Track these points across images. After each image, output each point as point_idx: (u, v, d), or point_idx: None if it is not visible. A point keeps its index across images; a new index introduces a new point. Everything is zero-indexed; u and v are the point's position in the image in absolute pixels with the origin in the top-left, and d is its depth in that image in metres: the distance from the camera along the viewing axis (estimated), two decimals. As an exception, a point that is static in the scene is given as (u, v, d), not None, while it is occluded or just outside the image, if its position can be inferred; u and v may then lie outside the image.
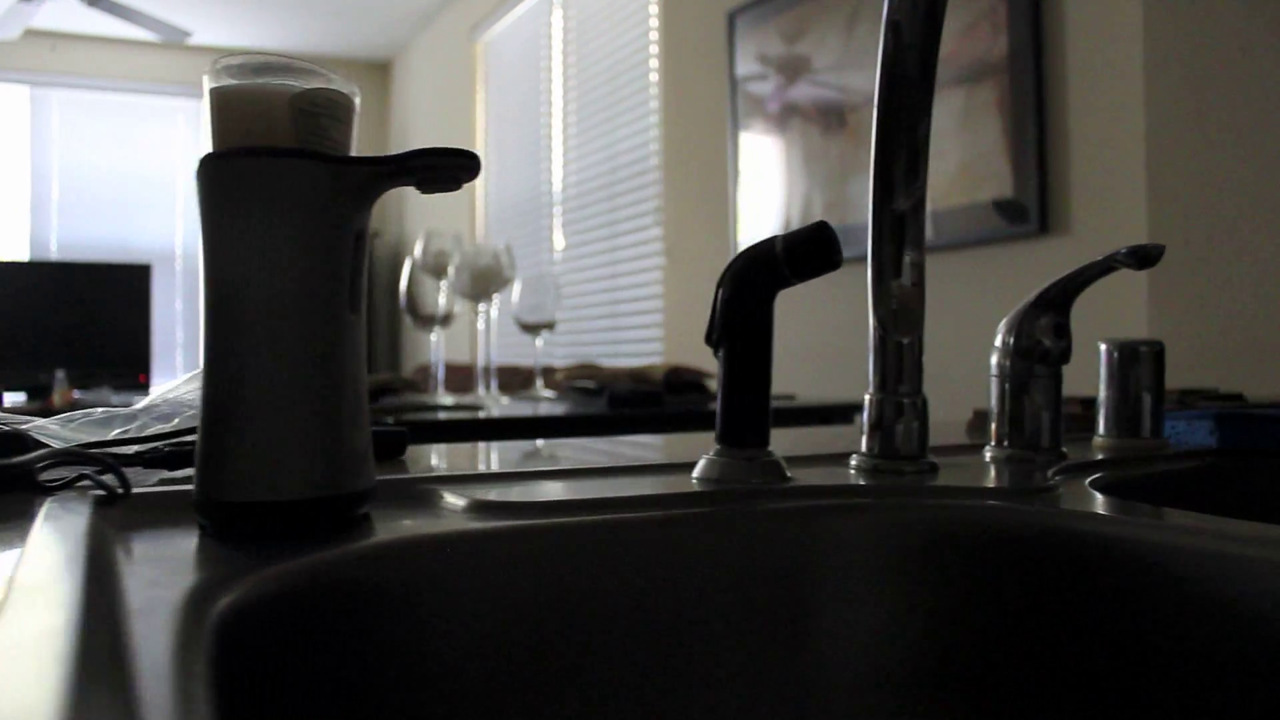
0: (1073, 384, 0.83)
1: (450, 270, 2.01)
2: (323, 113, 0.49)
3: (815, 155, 2.74)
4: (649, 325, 3.62)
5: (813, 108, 2.73)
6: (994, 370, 0.69)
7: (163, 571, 0.39)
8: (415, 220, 6.24)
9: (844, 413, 1.94)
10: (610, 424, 1.69)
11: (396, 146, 6.53)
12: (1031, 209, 2.13)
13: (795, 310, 2.82)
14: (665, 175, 3.51)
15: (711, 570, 0.53)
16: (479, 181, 5.28)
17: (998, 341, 0.69)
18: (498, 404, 1.94)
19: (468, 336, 5.17)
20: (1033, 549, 0.51)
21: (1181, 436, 0.79)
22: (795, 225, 2.79)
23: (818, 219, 2.45)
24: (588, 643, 0.51)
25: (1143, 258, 0.62)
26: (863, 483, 0.60)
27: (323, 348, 0.47)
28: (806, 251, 0.57)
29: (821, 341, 2.64)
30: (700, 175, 3.26)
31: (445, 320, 2.01)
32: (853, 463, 0.65)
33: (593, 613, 0.51)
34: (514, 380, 3.10)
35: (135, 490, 0.53)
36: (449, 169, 0.49)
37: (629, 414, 1.69)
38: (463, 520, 0.51)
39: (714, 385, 2.22)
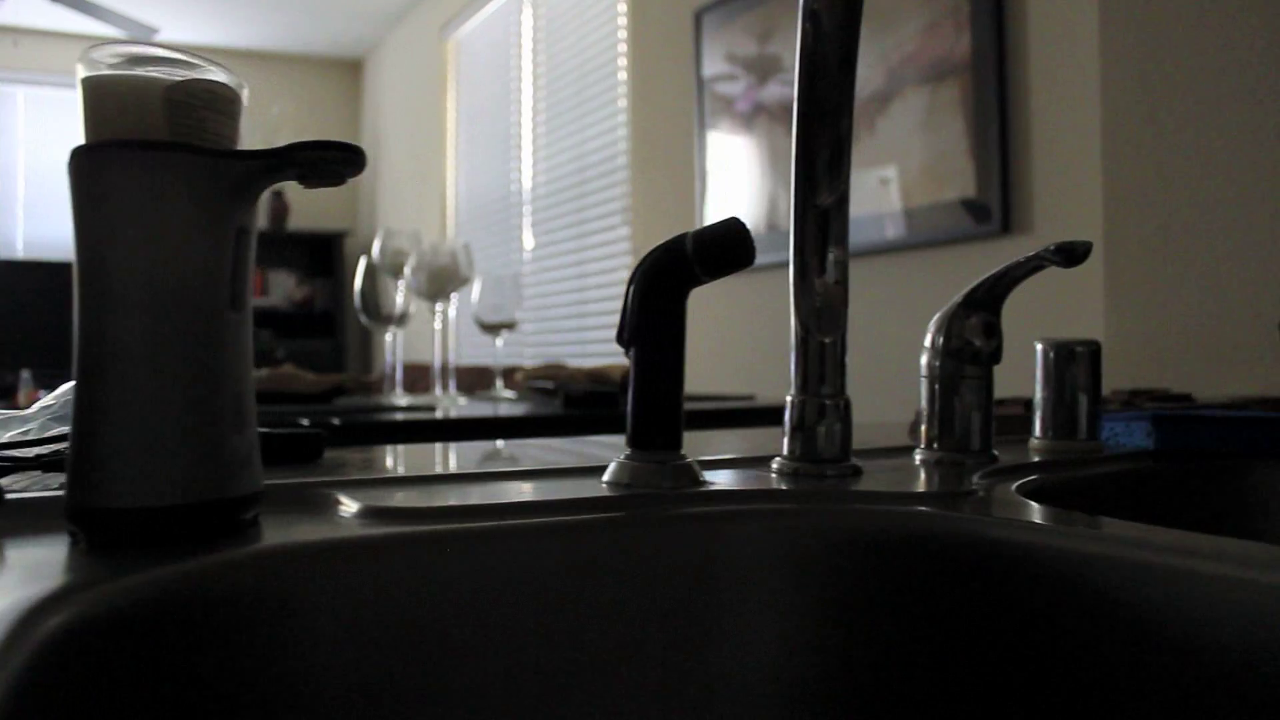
0: (1026, 385, 0.81)
1: (407, 270, 1.98)
2: (200, 104, 0.47)
3: (784, 155, 2.72)
4: (615, 326, 3.60)
5: (780, 107, 2.72)
6: (923, 371, 0.68)
7: (8, 583, 0.37)
8: (389, 220, 6.20)
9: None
10: (565, 425, 1.67)
11: (369, 146, 6.49)
12: (994, 208, 2.12)
13: (762, 308, 2.81)
14: (633, 175, 3.49)
15: (614, 578, 0.52)
16: (449, 181, 5.25)
17: (927, 342, 0.67)
18: (455, 405, 1.92)
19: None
20: (945, 556, 0.50)
21: (1120, 438, 0.77)
22: (765, 225, 2.78)
23: (787, 219, 2.44)
24: (480, 655, 0.49)
25: (1070, 255, 0.60)
26: (779, 487, 0.58)
27: (200, 347, 0.45)
28: (717, 249, 0.55)
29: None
30: (668, 175, 3.24)
31: (401, 320, 1.99)
32: (774, 466, 0.63)
33: (486, 624, 0.49)
34: (479, 380, 3.08)
35: (16, 496, 0.51)
36: (332, 163, 0.47)
37: (585, 415, 1.67)
38: (352, 526, 0.49)
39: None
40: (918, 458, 0.68)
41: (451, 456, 0.77)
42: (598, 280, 3.77)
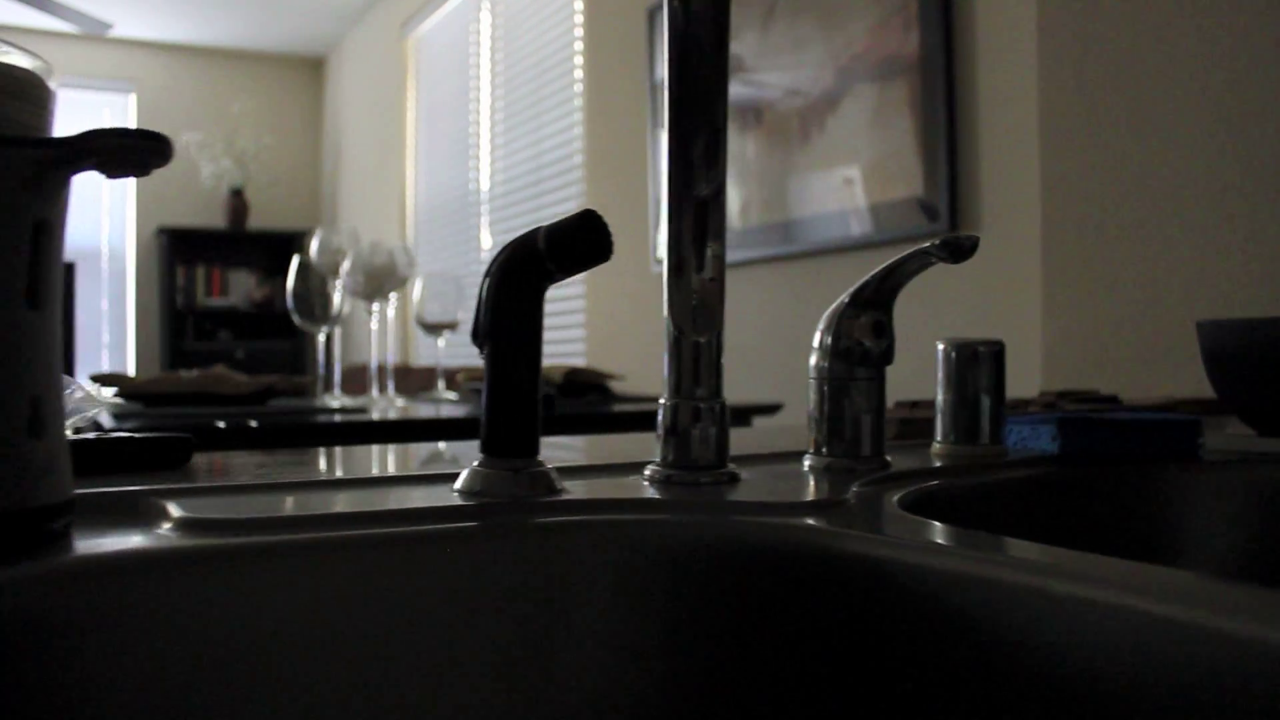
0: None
1: (343, 269, 1.94)
2: (-4, 89, 0.43)
3: (743, 153, 2.69)
4: (572, 326, 3.57)
5: (738, 108, 2.69)
6: (811, 373, 0.64)
7: None
8: (349, 220, 6.14)
9: (769, 412, 1.91)
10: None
11: (330, 144, 6.44)
12: (942, 208, 2.09)
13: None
14: (588, 175, 3.46)
15: (455, 593, 0.48)
16: (409, 180, 5.20)
17: (815, 342, 0.64)
18: (389, 407, 1.88)
19: (397, 335, 5.10)
20: (800, 569, 0.46)
21: (1026, 442, 0.74)
22: (734, 223, 2.74)
23: (756, 218, 2.40)
24: (306, 677, 0.45)
25: (955, 250, 0.57)
26: (643, 495, 0.54)
27: (-16, 348, 0.42)
28: (570, 243, 0.52)
29: (744, 341, 2.59)
30: (622, 176, 3.21)
31: (335, 320, 1.94)
32: (646, 473, 0.60)
33: (313, 643, 0.45)
34: (430, 381, 3.03)
35: None
36: (135, 151, 0.43)
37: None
38: (167, 538, 0.45)
39: (616, 387, 2.17)
40: (806, 464, 0.65)
41: (321, 462, 0.73)
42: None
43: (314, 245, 2.00)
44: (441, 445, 0.87)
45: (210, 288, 6.23)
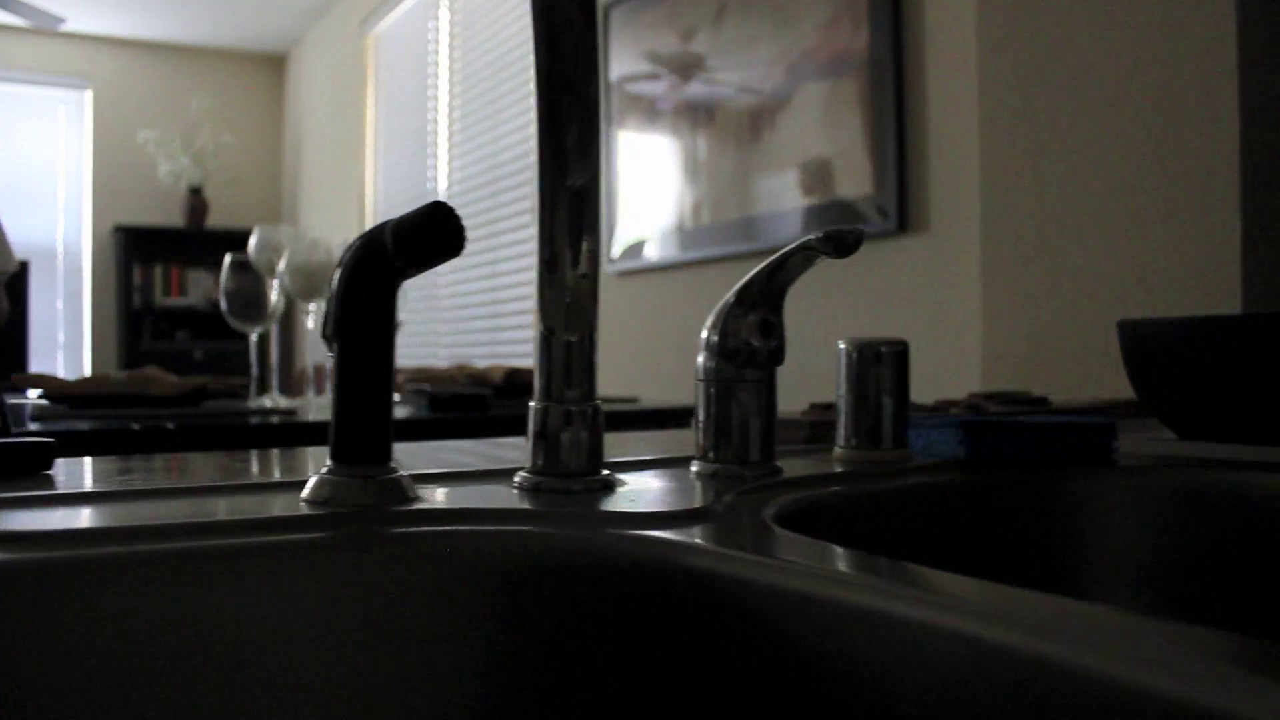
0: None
1: (279, 267, 1.90)
2: None
3: (695, 152, 2.66)
4: (528, 326, 3.53)
5: (699, 106, 2.65)
6: (699, 374, 0.61)
7: None
8: (310, 219, 6.08)
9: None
10: (426, 429, 1.59)
11: (291, 142, 6.37)
12: (890, 207, 2.07)
13: (664, 308, 2.75)
14: (543, 172, 3.42)
15: (292, 609, 0.45)
16: (369, 179, 5.15)
17: (702, 342, 0.61)
18: (322, 408, 1.84)
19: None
20: (632, 583, 0.43)
21: (933, 447, 0.71)
22: (686, 223, 2.71)
23: (707, 217, 2.37)
24: (124, 701, 0.42)
25: (839, 244, 0.54)
26: (501, 505, 0.51)
27: None
28: (417, 238, 0.48)
29: (688, 342, 2.56)
30: (576, 172, 3.17)
31: (271, 319, 1.90)
32: (515, 480, 0.56)
33: (130, 666, 0.42)
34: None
35: None
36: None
37: (451, 419, 1.59)
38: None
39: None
40: (693, 469, 0.62)
41: (187, 467, 0.69)
42: (510, 280, 3.69)
43: (252, 242, 1.95)
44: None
45: (168, 287, 6.14)
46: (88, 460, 0.71)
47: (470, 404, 1.61)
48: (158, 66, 6.27)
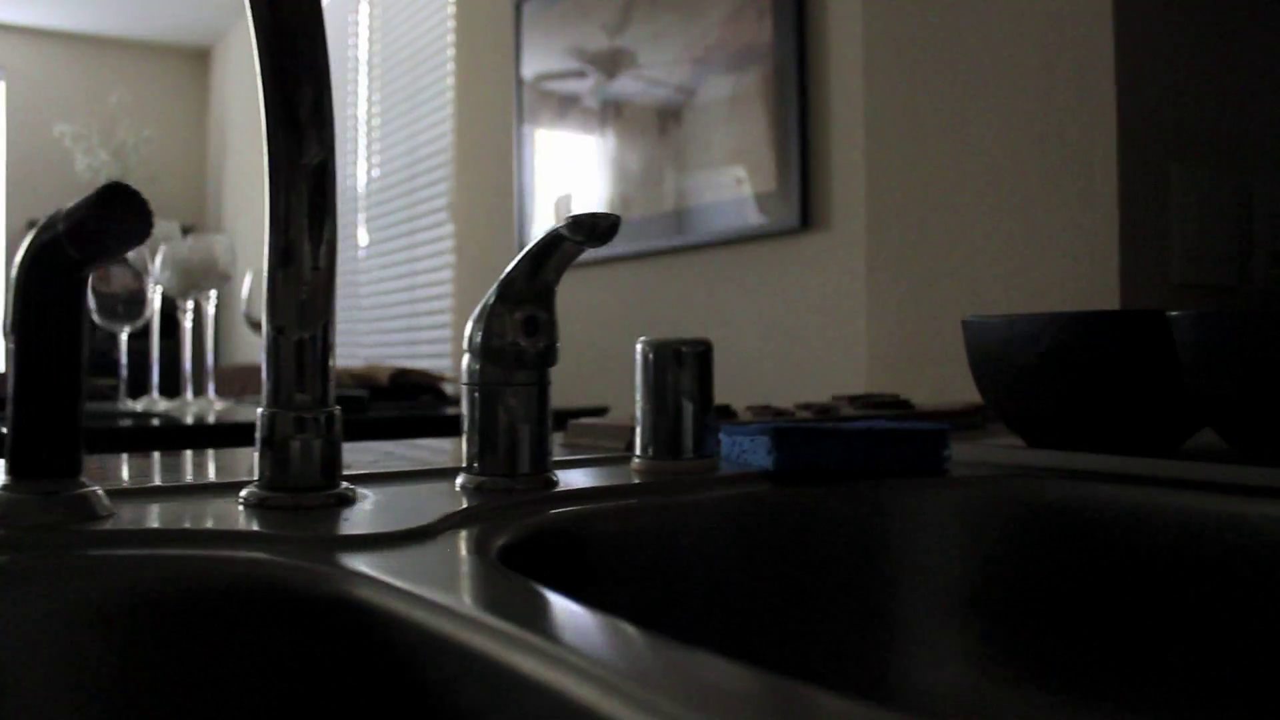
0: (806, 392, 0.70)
1: (155, 263, 1.82)
2: None
3: (605, 147, 2.60)
4: (442, 325, 3.46)
5: (599, 98, 2.60)
6: (463, 377, 0.56)
7: None
8: (233, 216, 5.97)
9: (596, 414, 1.82)
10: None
11: (216, 137, 6.24)
12: (792, 203, 2.03)
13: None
14: (457, 170, 3.36)
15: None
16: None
17: (465, 343, 0.55)
18: (195, 410, 1.77)
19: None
20: (298, 611, 0.38)
21: (746, 456, 0.66)
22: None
23: (627, 212, 2.31)
24: None
25: (590, 231, 0.49)
26: (189, 525, 0.45)
27: None
28: (90, 225, 0.42)
29: (589, 342, 2.51)
30: (490, 170, 3.11)
31: (143, 317, 1.82)
32: (242, 495, 0.51)
33: None
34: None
35: None
36: None
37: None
38: None
39: (450, 389, 2.07)
40: (459, 481, 0.56)
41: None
42: (427, 279, 3.62)
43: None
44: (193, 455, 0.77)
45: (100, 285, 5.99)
46: None
47: (343, 405, 1.55)
48: (76, 58, 6.12)
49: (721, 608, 0.56)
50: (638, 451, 0.63)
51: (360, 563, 0.38)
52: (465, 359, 0.55)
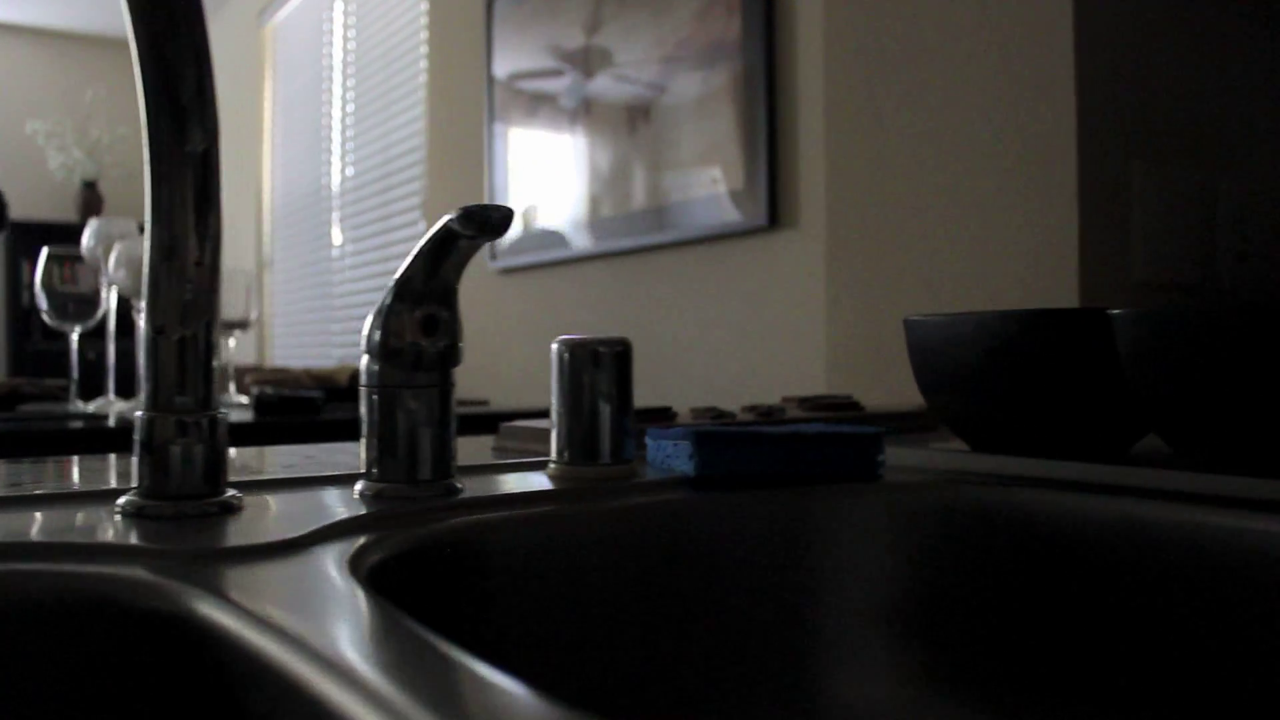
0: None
1: (110, 261, 1.79)
2: None
3: (574, 145, 2.58)
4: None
5: (571, 96, 2.57)
6: (361, 378, 0.53)
7: None
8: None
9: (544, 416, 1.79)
10: (258, 433, 1.50)
11: (191, 136, 6.19)
12: (761, 200, 2.00)
13: (537, 310, 2.67)
14: (429, 169, 3.33)
15: None
16: (266, 174, 5.01)
17: (363, 343, 0.53)
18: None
19: (252, 336, 4.90)
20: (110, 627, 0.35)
21: (670, 461, 0.64)
22: (585, 219, 2.63)
23: (597, 210, 2.28)
24: None
25: (482, 224, 0.47)
26: (39, 538, 0.43)
27: None
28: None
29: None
30: (461, 169, 3.08)
31: (95, 317, 1.79)
32: (119, 503, 0.48)
33: None
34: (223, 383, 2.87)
35: None
36: None
37: (275, 423, 1.50)
38: None
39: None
40: (356, 488, 0.54)
41: None
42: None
43: (87, 234, 1.85)
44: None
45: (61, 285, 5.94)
46: None
47: (297, 407, 1.52)
48: (49, 55, 6.06)
49: (631, 621, 0.53)
50: (553, 456, 0.61)
51: (210, 577, 0.36)
52: (364, 360, 0.53)
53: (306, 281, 4.46)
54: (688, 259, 2.19)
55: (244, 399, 1.99)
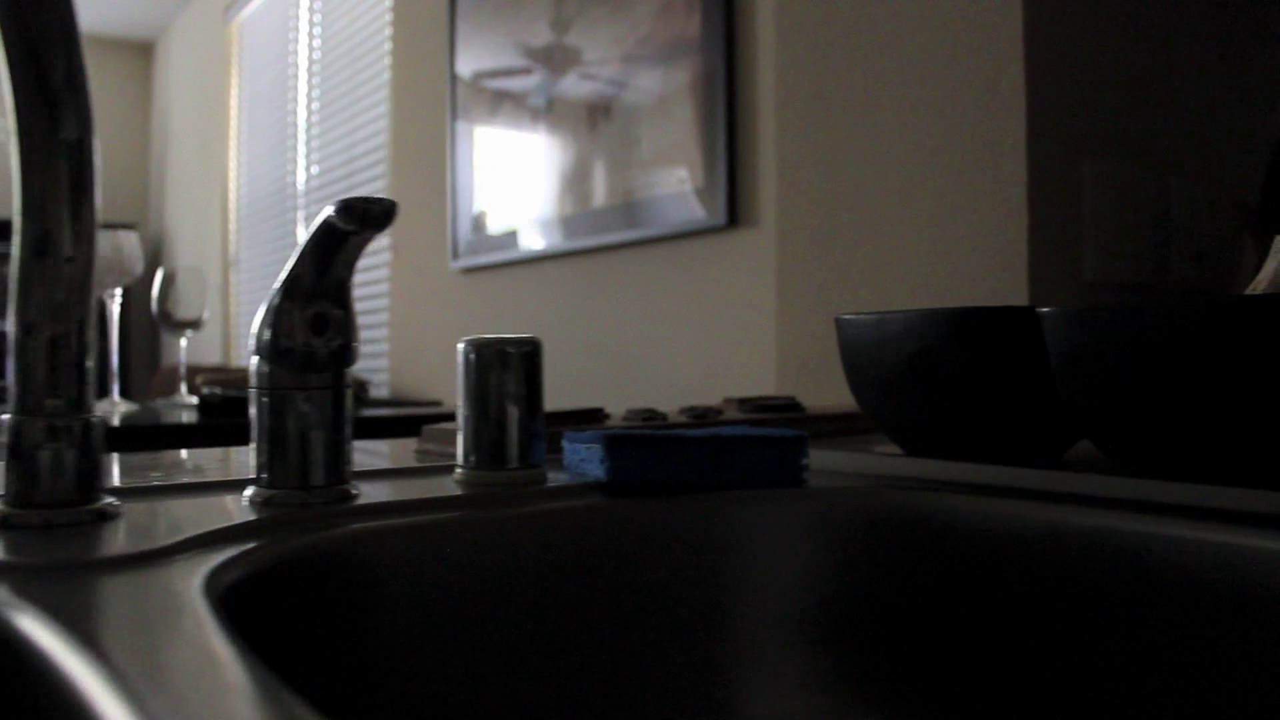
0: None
1: (56, 259, 1.76)
2: None
3: (536, 143, 2.56)
4: (379, 325, 3.40)
5: (539, 96, 2.54)
6: (251, 380, 0.51)
7: None
8: (175, 214, 5.86)
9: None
10: (202, 434, 1.47)
11: (158, 132, 6.14)
12: (720, 199, 1.99)
13: (495, 309, 2.65)
14: (392, 168, 3.30)
15: None
16: (232, 173, 4.97)
17: (252, 342, 0.51)
18: (115, 412, 1.71)
19: (218, 336, 4.85)
20: None
21: (583, 466, 0.62)
22: (556, 217, 2.61)
23: (566, 209, 2.26)
24: None
25: (363, 217, 0.45)
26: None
27: None
28: None
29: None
30: (424, 168, 3.06)
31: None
32: (-10, 511, 0.46)
33: None
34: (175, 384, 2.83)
35: None
36: None
37: (219, 424, 1.47)
38: None
39: (375, 392, 2.03)
40: (246, 495, 0.52)
41: None
42: (363, 277, 3.56)
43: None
44: None
45: (26, 283, 5.87)
46: None
47: (243, 407, 1.50)
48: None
49: (532, 634, 0.52)
50: (459, 460, 0.59)
51: (49, 592, 0.34)
52: (253, 361, 0.51)
53: (272, 280, 4.42)
54: (650, 258, 2.17)
55: (193, 399, 1.96)
